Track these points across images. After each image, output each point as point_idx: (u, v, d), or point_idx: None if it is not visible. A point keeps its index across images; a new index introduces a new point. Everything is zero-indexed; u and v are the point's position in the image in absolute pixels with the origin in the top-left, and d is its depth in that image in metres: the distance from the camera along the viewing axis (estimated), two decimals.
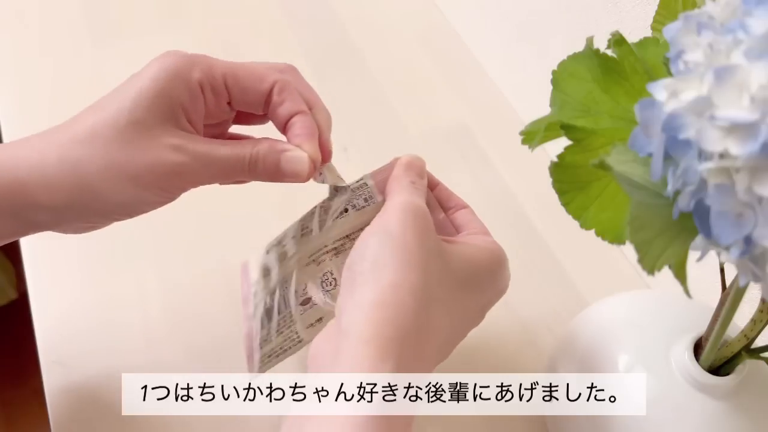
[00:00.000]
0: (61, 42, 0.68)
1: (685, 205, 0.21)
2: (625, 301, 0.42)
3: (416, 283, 0.32)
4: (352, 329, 0.31)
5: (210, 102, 0.38)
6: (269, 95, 0.38)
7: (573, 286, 0.53)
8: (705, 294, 0.44)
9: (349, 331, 0.31)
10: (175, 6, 0.72)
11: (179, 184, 0.36)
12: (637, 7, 0.48)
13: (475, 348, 0.50)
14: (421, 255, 0.33)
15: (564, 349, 0.42)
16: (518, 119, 0.64)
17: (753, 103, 0.19)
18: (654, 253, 0.22)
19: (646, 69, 0.28)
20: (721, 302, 0.32)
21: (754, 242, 0.20)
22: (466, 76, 0.68)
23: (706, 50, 0.21)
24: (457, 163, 0.61)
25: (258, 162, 0.37)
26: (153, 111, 0.35)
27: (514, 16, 0.62)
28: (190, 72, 0.36)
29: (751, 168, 0.19)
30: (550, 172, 0.29)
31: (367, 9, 0.74)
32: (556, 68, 0.30)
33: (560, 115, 0.29)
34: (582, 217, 0.29)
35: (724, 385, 0.34)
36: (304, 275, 0.40)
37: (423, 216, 0.34)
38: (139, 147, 0.35)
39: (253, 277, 0.42)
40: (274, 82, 0.38)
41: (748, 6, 0.20)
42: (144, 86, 0.35)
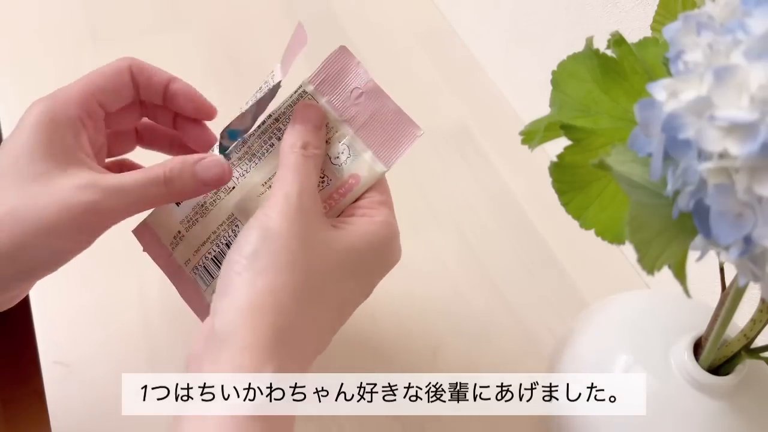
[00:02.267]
0: (61, 42, 0.68)
1: (684, 205, 0.21)
2: (624, 301, 0.42)
3: (297, 285, 0.31)
4: (231, 336, 0.30)
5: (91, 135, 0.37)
6: (166, 88, 0.40)
7: (573, 286, 0.53)
8: (705, 294, 0.44)
9: (228, 338, 0.30)
10: (175, 6, 0.72)
11: (97, 222, 0.35)
12: (637, 7, 0.48)
13: (475, 348, 0.50)
14: (304, 254, 0.32)
15: (564, 349, 0.42)
16: (518, 119, 0.64)
17: (752, 103, 0.19)
18: (653, 253, 0.22)
19: (645, 69, 0.28)
20: (721, 302, 0.32)
21: (753, 242, 0.20)
22: (466, 76, 0.68)
23: (706, 50, 0.21)
24: (457, 163, 0.61)
25: (174, 179, 0.35)
26: (48, 160, 0.34)
27: (514, 17, 0.62)
28: (66, 111, 0.36)
29: (750, 168, 0.19)
30: (550, 172, 0.29)
31: (367, 9, 0.74)
32: (555, 68, 0.30)
33: (560, 115, 0.29)
34: (582, 217, 0.29)
35: (723, 384, 0.34)
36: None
37: (309, 206, 0.33)
38: (49, 195, 0.33)
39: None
40: (169, 78, 0.40)
41: (747, 6, 0.20)
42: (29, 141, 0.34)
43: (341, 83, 0.38)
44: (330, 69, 0.38)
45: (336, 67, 0.38)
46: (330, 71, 0.38)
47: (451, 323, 0.51)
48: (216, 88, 0.65)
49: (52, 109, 0.36)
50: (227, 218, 0.38)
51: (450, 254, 0.55)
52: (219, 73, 0.66)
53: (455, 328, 0.51)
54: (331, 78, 0.38)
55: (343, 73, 0.38)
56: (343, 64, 0.38)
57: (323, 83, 0.38)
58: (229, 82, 0.65)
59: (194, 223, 0.38)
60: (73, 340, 0.48)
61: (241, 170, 0.38)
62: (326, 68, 0.38)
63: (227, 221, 0.38)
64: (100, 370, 0.47)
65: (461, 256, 0.55)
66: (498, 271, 0.54)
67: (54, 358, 0.47)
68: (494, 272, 0.54)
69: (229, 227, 0.38)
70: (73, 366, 0.47)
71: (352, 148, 0.38)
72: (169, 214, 0.39)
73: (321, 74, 0.38)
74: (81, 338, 0.48)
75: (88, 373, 0.47)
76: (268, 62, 0.69)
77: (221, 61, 0.67)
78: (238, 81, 0.65)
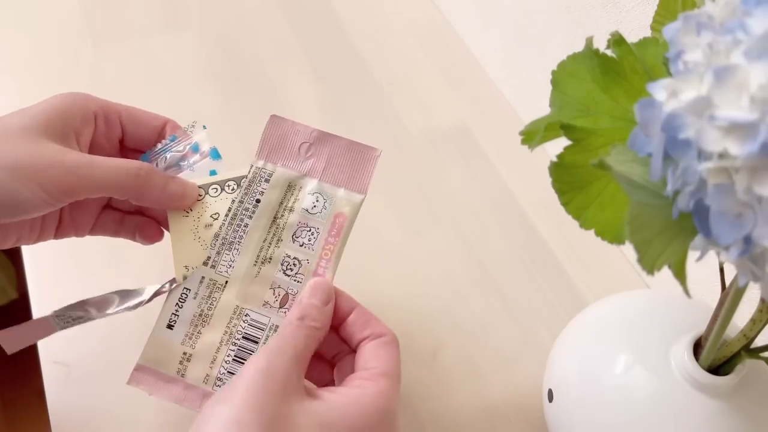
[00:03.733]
0: (61, 42, 0.68)
1: (684, 205, 0.21)
2: (624, 301, 0.42)
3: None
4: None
5: (101, 132, 0.40)
6: (162, 131, 0.41)
7: (573, 286, 0.53)
8: (705, 294, 0.44)
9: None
10: (175, 6, 0.72)
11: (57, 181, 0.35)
12: (637, 7, 0.48)
13: (475, 348, 0.50)
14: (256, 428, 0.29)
15: (564, 349, 0.42)
16: (518, 119, 0.65)
17: (752, 103, 0.19)
18: (653, 253, 0.22)
19: (645, 69, 0.28)
20: (721, 302, 0.32)
21: (753, 242, 0.20)
22: (466, 76, 0.68)
23: (706, 50, 0.21)
24: (457, 163, 0.61)
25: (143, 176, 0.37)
26: (45, 125, 0.36)
27: (514, 17, 0.62)
28: (87, 103, 0.39)
29: (750, 168, 0.19)
30: (550, 172, 0.29)
31: (367, 9, 0.74)
32: (555, 68, 0.30)
33: (560, 115, 0.29)
34: (581, 216, 0.29)
35: (723, 384, 0.34)
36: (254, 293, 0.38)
37: (280, 378, 0.31)
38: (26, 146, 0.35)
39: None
40: (166, 120, 0.41)
41: (747, 6, 0.20)
42: (41, 108, 0.37)
43: (287, 146, 0.39)
44: (271, 139, 0.39)
45: (276, 134, 0.39)
46: (272, 141, 0.39)
47: (450, 323, 0.51)
48: (216, 88, 0.65)
49: (79, 97, 0.39)
50: (234, 312, 0.38)
51: (450, 254, 0.55)
52: (219, 73, 0.66)
53: (455, 327, 0.51)
54: (276, 146, 0.39)
55: (285, 137, 0.39)
56: (282, 129, 0.39)
57: (271, 153, 0.39)
58: (229, 82, 0.65)
59: (198, 336, 0.37)
60: (73, 340, 0.48)
61: (225, 263, 0.38)
62: (267, 140, 0.39)
63: (235, 315, 0.38)
64: (100, 370, 0.47)
65: (461, 256, 0.55)
66: (498, 271, 0.54)
67: (54, 358, 0.47)
68: (494, 272, 0.54)
69: (239, 319, 0.38)
70: (73, 366, 0.47)
71: (323, 193, 0.39)
72: (165, 342, 0.38)
73: (265, 147, 0.39)
74: (81, 338, 0.48)
75: (88, 373, 0.47)
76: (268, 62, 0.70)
77: (221, 61, 0.67)
78: (238, 81, 0.65)
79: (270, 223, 0.38)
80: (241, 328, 0.37)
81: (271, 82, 0.66)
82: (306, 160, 0.39)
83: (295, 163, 0.39)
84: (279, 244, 0.38)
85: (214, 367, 0.37)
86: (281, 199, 0.39)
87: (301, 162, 0.39)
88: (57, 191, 0.35)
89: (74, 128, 0.38)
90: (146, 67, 0.66)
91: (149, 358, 0.38)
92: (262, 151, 0.39)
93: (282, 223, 0.38)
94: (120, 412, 0.38)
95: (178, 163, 0.41)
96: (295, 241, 0.38)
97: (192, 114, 0.43)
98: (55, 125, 0.37)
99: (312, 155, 0.39)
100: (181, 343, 0.37)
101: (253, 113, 0.63)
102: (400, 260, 0.54)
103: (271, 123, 0.39)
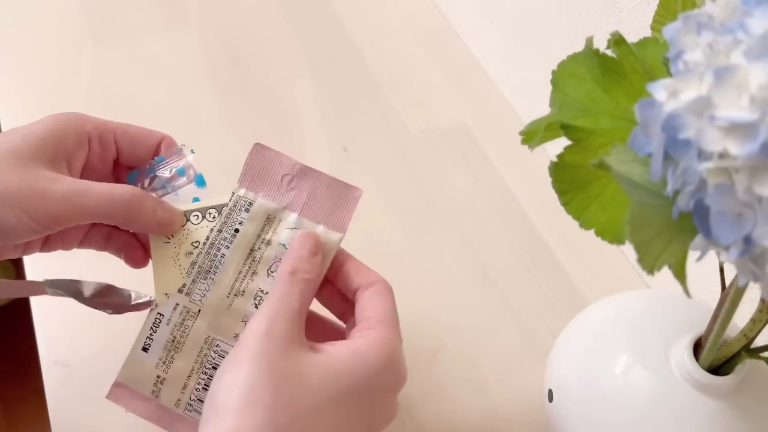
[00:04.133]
0: (60, 42, 0.68)
1: (684, 205, 0.21)
2: (624, 301, 0.42)
3: (261, 424, 0.30)
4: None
5: (95, 153, 0.39)
6: (157, 148, 0.41)
7: (573, 286, 0.53)
8: (705, 294, 0.44)
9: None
10: (175, 6, 0.72)
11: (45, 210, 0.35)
12: (637, 7, 0.48)
13: (476, 348, 0.50)
14: (269, 389, 0.31)
15: (564, 349, 0.42)
16: (518, 119, 0.65)
17: (753, 103, 0.19)
18: (653, 253, 0.22)
19: (645, 69, 0.28)
20: (721, 302, 0.32)
21: (753, 242, 0.20)
22: (466, 76, 0.68)
23: (706, 50, 0.21)
24: (457, 163, 0.61)
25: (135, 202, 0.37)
26: (36, 149, 0.36)
27: (514, 16, 0.62)
28: (82, 124, 0.38)
29: (750, 168, 0.19)
30: (550, 172, 0.29)
31: (367, 9, 0.74)
32: (555, 68, 0.30)
33: (560, 115, 0.29)
34: (581, 216, 0.29)
35: (723, 384, 0.34)
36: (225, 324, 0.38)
37: (281, 335, 0.32)
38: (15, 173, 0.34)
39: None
40: (162, 137, 0.41)
41: (747, 6, 0.20)
42: (34, 129, 0.37)
43: (269, 176, 0.39)
44: (254, 168, 0.39)
45: (259, 163, 0.39)
46: (255, 170, 0.39)
47: (450, 323, 0.51)
48: (215, 88, 0.65)
49: (73, 118, 0.38)
50: (204, 342, 0.38)
51: (450, 254, 0.55)
52: (219, 73, 0.66)
53: (455, 327, 0.51)
54: (258, 175, 0.39)
55: (268, 167, 0.39)
56: (265, 158, 0.39)
57: (252, 182, 0.39)
58: (229, 82, 0.65)
59: (171, 361, 0.38)
60: (73, 340, 0.48)
61: (200, 292, 0.38)
62: (250, 168, 0.39)
63: (206, 345, 0.38)
64: (100, 370, 0.47)
65: (461, 255, 0.55)
66: (498, 271, 0.54)
67: (54, 358, 0.47)
68: (494, 272, 0.54)
69: (210, 349, 0.38)
70: (73, 366, 0.47)
71: (302, 229, 0.38)
72: (141, 364, 0.38)
73: (247, 175, 0.39)
74: (81, 338, 0.48)
75: (88, 373, 0.47)
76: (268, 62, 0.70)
77: (221, 61, 0.67)
78: (237, 81, 0.65)
79: (246, 256, 0.38)
80: (212, 358, 0.38)
81: (270, 82, 0.66)
82: (287, 192, 0.39)
83: (276, 195, 0.39)
84: (253, 277, 0.38)
85: (185, 393, 0.38)
86: (259, 231, 0.38)
87: (283, 194, 0.39)
88: (45, 220, 0.35)
89: (67, 152, 0.37)
90: (146, 67, 0.66)
91: (127, 376, 0.38)
92: (244, 178, 0.39)
93: (258, 257, 0.38)
94: (120, 412, 0.38)
95: (163, 185, 0.40)
96: (269, 276, 0.38)
97: (192, 114, 0.43)
98: (47, 148, 0.36)
99: (294, 188, 0.39)
100: (155, 366, 0.38)
101: (253, 113, 0.63)
102: (400, 260, 0.54)
103: (255, 151, 0.39)
